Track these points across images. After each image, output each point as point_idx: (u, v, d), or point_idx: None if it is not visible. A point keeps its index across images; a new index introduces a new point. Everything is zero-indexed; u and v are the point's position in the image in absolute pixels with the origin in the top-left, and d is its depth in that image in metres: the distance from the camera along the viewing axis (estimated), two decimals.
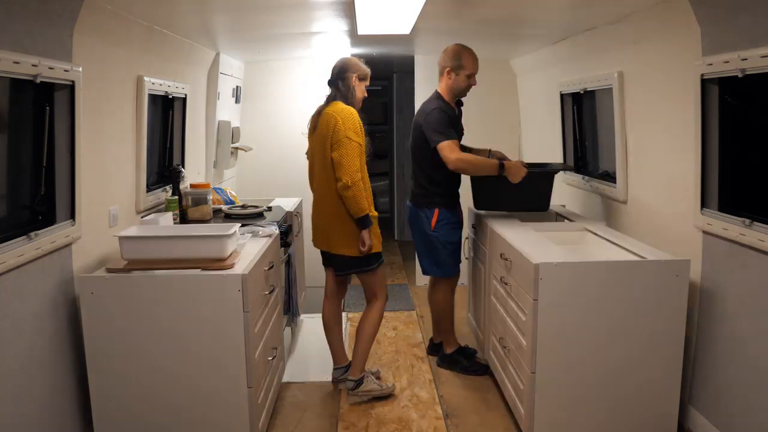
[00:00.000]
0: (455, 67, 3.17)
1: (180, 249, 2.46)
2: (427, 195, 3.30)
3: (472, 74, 3.20)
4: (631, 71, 3.07)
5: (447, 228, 3.31)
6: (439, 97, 3.24)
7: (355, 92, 3.00)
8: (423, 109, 3.25)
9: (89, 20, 2.34)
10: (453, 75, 3.19)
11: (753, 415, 2.28)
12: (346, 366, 3.24)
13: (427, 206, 3.29)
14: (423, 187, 3.31)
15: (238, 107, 4.82)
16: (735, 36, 2.20)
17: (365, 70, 3.04)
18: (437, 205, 3.28)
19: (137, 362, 2.39)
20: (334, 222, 3.04)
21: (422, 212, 3.31)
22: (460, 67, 3.17)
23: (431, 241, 3.31)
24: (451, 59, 3.18)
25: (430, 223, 3.28)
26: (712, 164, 2.45)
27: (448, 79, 3.21)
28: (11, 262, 2.02)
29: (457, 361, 3.43)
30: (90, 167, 2.51)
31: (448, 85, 3.22)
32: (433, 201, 3.29)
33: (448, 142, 3.08)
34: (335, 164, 2.88)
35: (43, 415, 2.21)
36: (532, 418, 2.53)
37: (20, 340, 2.09)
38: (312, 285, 4.84)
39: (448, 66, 3.19)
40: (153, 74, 3.08)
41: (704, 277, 2.55)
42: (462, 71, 3.17)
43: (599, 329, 2.49)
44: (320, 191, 3.11)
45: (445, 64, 3.20)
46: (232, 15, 3.02)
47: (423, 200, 3.31)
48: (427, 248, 3.35)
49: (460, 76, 3.18)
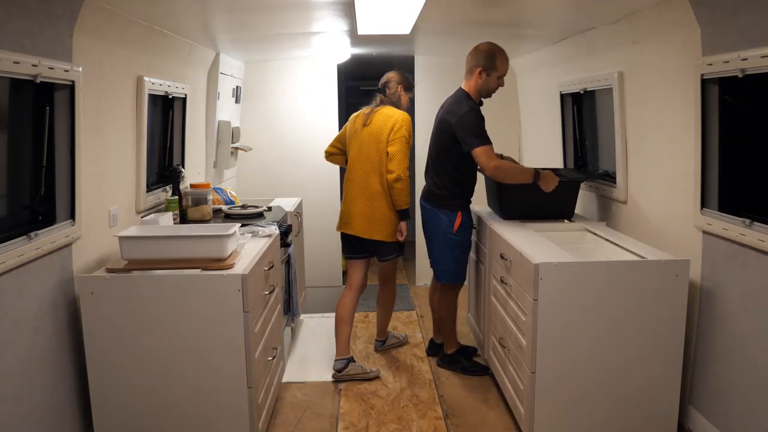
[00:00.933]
0: (488, 67, 3.07)
1: (180, 249, 2.46)
2: (450, 197, 3.22)
3: (503, 76, 3.12)
4: (631, 71, 3.06)
5: (466, 232, 3.28)
6: (468, 97, 3.12)
7: (401, 100, 3.40)
8: (453, 109, 3.11)
9: (89, 20, 2.34)
10: (484, 75, 3.08)
11: (753, 415, 2.28)
12: (348, 358, 3.34)
13: (450, 208, 3.22)
14: (446, 188, 3.22)
15: (238, 107, 4.83)
16: (735, 36, 2.20)
17: (410, 82, 3.47)
18: (460, 208, 3.23)
19: (137, 362, 2.39)
20: (380, 211, 3.27)
21: (443, 214, 3.23)
22: (494, 68, 3.07)
23: (452, 244, 3.24)
24: (485, 59, 3.07)
25: (452, 226, 3.21)
26: (712, 164, 2.45)
27: (478, 79, 3.10)
28: (11, 262, 2.02)
29: (458, 361, 3.43)
30: (90, 167, 2.51)
31: (478, 84, 3.11)
32: (456, 204, 3.23)
33: (484, 147, 3.00)
34: (390, 157, 3.20)
35: (43, 415, 2.21)
36: (532, 418, 2.53)
37: (20, 340, 2.09)
38: (312, 285, 4.86)
39: (481, 66, 3.07)
40: (153, 74, 3.08)
41: (704, 277, 2.55)
42: (494, 72, 3.08)
43: (599, 329, 2.49)
44: (365, 181, 3.29)
45: (478, 63, 3.08)
46: (232, 15, 3.02)
47: (446, 202, 3.23)
48: (448, 251, 3.26)
49: (491, 77, 3.09)
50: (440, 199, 3.25)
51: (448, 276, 3.31)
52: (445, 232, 3.24)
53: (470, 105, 3.09)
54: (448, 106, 3.20)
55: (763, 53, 2.04)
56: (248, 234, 2.95)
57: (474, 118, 3.05)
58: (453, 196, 3.23)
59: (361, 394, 3.18)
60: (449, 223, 3.22)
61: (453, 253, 3.27)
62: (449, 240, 3.24)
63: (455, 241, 3.24)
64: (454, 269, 3.30)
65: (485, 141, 3.03)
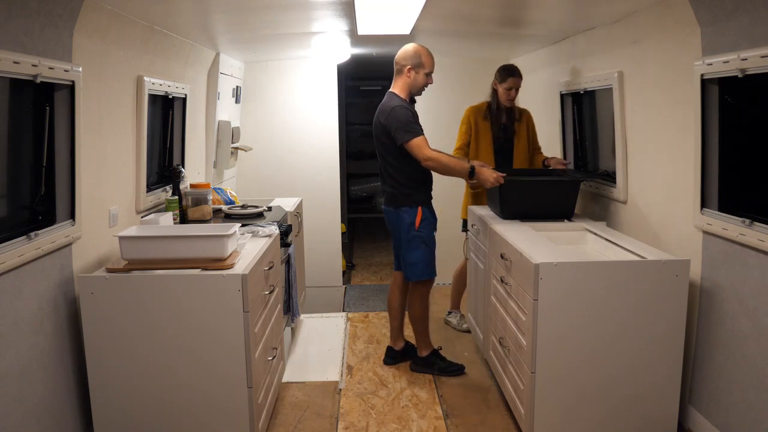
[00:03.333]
0: (416, 64, 3.18)
1: (180, 249, 2.46)
2: (407, 193, 3.23)
3: (430, 73, 3.22)
4: (631, 71, 3.07)
5: (430, 227, 3.29)
6: (396, 96, 3.22)
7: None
8: (384, 108, 3.20)
9: (89, 20, 2.34)
10: (413, 72, 3.19)
11: (752, 415, 2.28)
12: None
13: (409, 205, 3.23)
14: (402, 186, 3.23)
15: (238, 107, 4.82)
16: (735, 36, 2.20)
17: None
18: (420, 203, 3.24)
19: (137, 362, 2.39)
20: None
21: (403, 212, 3.24)
22: (420, 65, 3.18)
23: (417, 241, 3.24)
24: (411, 58, 3.18)
25: (414, 223, 3.22)
26: (712, 164, 2.45)
27: (407, 77, 3.20)
28: (11, 262, 2.02)
29: (433, 363, 3.40)
30: (90, 167, 2.51)
31: (407, 83, 3.21)
32: (415, 199, 3.24)
33: (416, 139, 3.08)
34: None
35: (43, 415, 2.21)
36: (532, 418, 2.53)
37: (20, 340, 2.09)
38: (312, 285, 4.86)
39: (408, 64, 3.19)
40: (153, 74, 3.08)
41: (704, 277, 2.55)
42: (422, 69, 3.18)
43: (599, 329, 2.49)
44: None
45: (405, 62, 3.20)
46: (232, 15, 3.01)
47: (404, 200, 3.24)
48: (414, 249, 3.25)
49: (419, 73, 3.19)
50: (397, 197, 3.26)
51: (419, 272, 3.28)
52: (408, 229, 3.24)
53: (398, 101, 3.18)
54: (379, 108, 3.26)
55: (763, 53, 2.04)
56: (248, 234, 2.95)
57: (403, 113, 3.12)
58: (409, 192, 3.24)
59: (361, 394, 3.18)
60: (411, 220, 3.23)
61: (419, 250, 3.25)
62: (414, 237, 3.24)
63: (419, 237, 3.24)
64: (423, 265, 3.28)
65: (416, 133, 3.10)
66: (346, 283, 5.44)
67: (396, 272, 3.49)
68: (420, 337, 3.42)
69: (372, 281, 5.55)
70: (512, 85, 3.67)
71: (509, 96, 3.69)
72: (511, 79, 3.66)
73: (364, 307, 4.69)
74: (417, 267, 3.27)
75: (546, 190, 3.33)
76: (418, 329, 3.42)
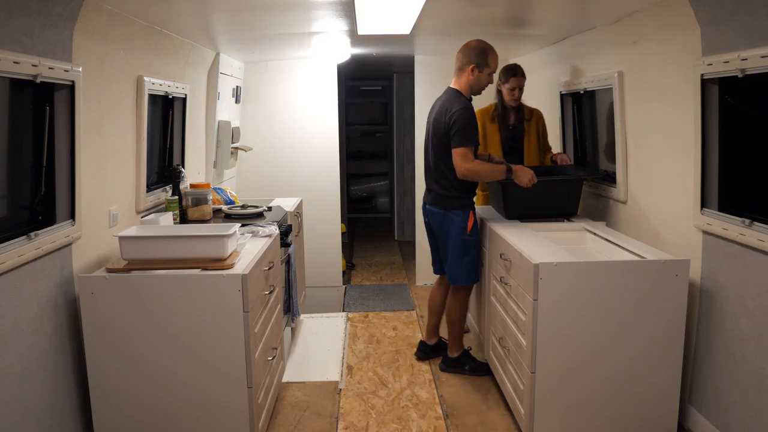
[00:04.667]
0: (480, 64, 3.08)
1: (180, 249, 2.46)
2: (459, 197, 3.18)
3: (494, 72, 3.15)
4: (631, 71, 3.07)
5: (478, 232, 3.27)
6: (460, 95, 3.13)
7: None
8: (448, 107, 3.09)
9: (89, 20, 2.34)
10: (476, 72, 3.09)
11: (753, 414, 2.28)
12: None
13: (462, 209, 3.17)
14: (454, 188, 3.16)
15: (238, 107, 4.82)
16: (735, 36, 2.20)
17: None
18: (470, 208, 3.21)
19: (137, 362, 2.39)
20: None
21: (455, 215, 3.17)
22: (486, 64, 3.09)
23: (468, 246, 3.20)
24: (477, 56, 3.08)
25: (467, 227, 3.17)
26: (712, 164, 2.45)
27: (470, 76, 3.10)
28: (11, 262, 2.02)
29: (464, 363, 3.40)
30: (90, 167, 2.51)
31: (470, 81, 3.12)
32: (466, 203, 3.20)
33: (464, 149, 3.02)
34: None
35: (43, 415, 2.21)
36: (532, 418, 2.53)
37: (20, 340, 2.09)
38: (312, 285, 4.86)
39: (473, 62, 3.09)
40: (153, 74, 3.08)
41: (704, 277, 2.55)
42: (486, 69, 3.10)
43: (599, 329, 2.49)
44: None
45: (469, 60, 3.09)
46: (232, 15, 3.01)
47: (456, 203, 3.17)
48: (464, 254, 3.20)
49: (483, 73, 3.10)
50: (450, 200, 3.19)
51: (466, 278, 3.26)
52: (460, 234, 3.19)
53: (464, 102, 3.10)
54: (441, 104, 3.18)
55: (763, 53, 2.04)
56: (248, 234, 2.95)
57: (468, 116, 3.06)
58: (461, 196, 3.19)
59: (361, 394, 3.18)
60: (463, 225, 3.18)
61: (469, 255, 3.21)
62: (465, 242, 3.19)
63: (470, 242, 3.21)
64: (470, 271, 3.25)
65: (470, 143, 3.05)
66: (346, 283, 5.44)
67: (439, 276, 3.48)
68: (454, 340, 3.42)
69: (372, 281, 5.55)
70: (515, 85, 3.63)
71: (513, 96, 3.65)
72: (514, 79, 3.62)
73: (364, 307, 4.69)
74: (465, 273, 3.25)
75: (549, 189, 3.31)
76: (454, 332, 3.41)
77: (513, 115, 3.74)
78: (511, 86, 3.64)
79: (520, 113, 3.76)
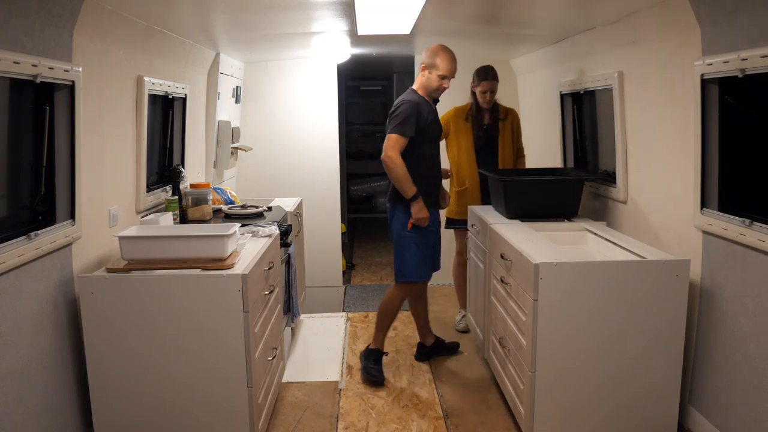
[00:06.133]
0: (430, 65, 3.15)
1: (180, 249, 2.46)
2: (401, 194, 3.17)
3: (445, 77, 3.14)
4: (631, 71, 3.07)
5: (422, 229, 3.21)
6: (413, 92, 3.21)
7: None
8: (397, 101, 3.19)
9: (89, 20, 2.34)
10: (426, 72, 3.17)
11: (752, 415, 2.28)
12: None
13: (405, 204, 3.16)
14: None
15: (238, 107, 4.83)
16: (735, 36, 2.20)
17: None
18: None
19: (137, 362, 2.39)
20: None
21: (398, 210, 3.21)
22: (434, 65, 3.14)
23: (409, 242, 3.19)
24: (429, 57, 3.15)
25: (407, 223, 3.17)
26: (712, 164, 2.45)
27: (421, 76, 3.20)
28: (11, 262, 2.02)
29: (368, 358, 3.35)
30: (90, 167, 2.51)
31: (422, 81, 3.20)
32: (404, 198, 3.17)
33: (397, 136, 3.06)
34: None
35: (43, 415, 2.21)
36: (532, 418, 2.53)
37: (20, 340, 2.09)
38: (312, 285, 4.85)
39: (424, 63, 3.18)
40: (153, 74, 3.08)
41: (704, 277, 2.55)
42: (435, 70, 3.13)
43: (599, 329, 2.49)
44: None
45: (423, 60, 3.19)
46: (232, 15, 3.02)
47: (399, 198, 3.17)
48: (404, 249, 3.22)
49: (432, 74, 3.15)
50: (395, 195, 3.22)
51: (404, 275, 3.25)
52: (400, 229, 3.22)
53: (411, 97, 3.16)
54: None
55: (763, 53, 2.04)
56: (248, 234, 2.95)
57: (410, 108, 3.09)
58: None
59: (361, 393, 3.18)
60: (404, 220, 3.19)
61: (409, 251, 3.21)
62: (404, 237, 3.21)
63: (410, 239, 3.19)
64: (410, 267, 3.23)
65: (402, 132, 3.07)
66: (346, 283, 5.44)
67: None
68: (377, 332, 3.39)
69: (372, 281, 5.55)
70: (486, 89, 3.67)
71: (485, 99, 3.70)
72: (485, 82, 3.67)
73: (364, 307, 4.69)
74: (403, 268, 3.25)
75: (549, 189, 3.34)
76: (379, 325, 3.37)
77: (488, 115, 3.80)
78: (482, 89, 3.69)
79: (495, 113, 3.81)
